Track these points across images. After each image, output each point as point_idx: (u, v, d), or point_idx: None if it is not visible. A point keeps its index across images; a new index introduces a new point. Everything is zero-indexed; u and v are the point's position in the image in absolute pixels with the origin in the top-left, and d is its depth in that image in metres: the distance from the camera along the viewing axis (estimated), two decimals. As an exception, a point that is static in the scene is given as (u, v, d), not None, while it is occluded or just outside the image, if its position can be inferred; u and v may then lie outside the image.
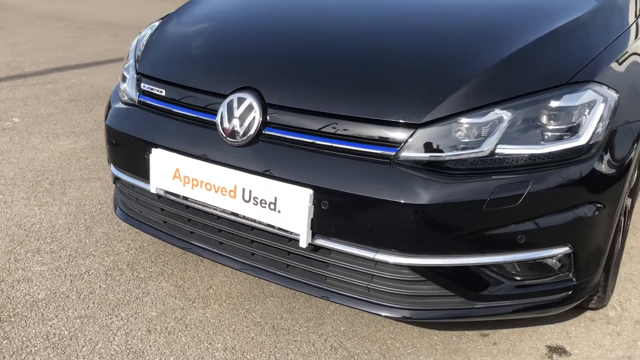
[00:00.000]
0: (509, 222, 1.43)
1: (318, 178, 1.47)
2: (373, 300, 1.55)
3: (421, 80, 1.51)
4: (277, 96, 1.57)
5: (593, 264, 1.60)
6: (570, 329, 1.88)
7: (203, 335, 1.78)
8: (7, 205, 2.59)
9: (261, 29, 1.88)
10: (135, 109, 1.87)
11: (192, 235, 1.79)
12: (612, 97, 1.55)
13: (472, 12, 1.86)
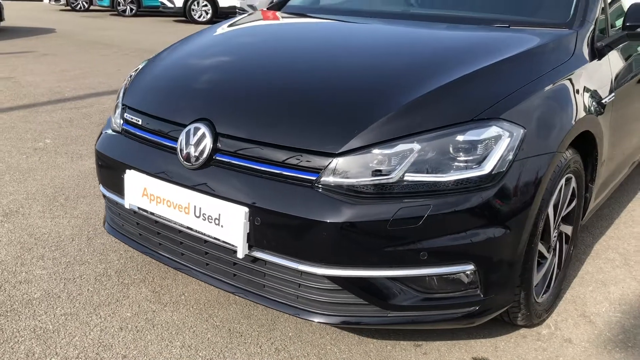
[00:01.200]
0: (412, 240, 1.63)
1: (252, 198, 1.71)
2: (301, 306, 1.76)
3: (341, 116, 1.74)
4: (225, 127, 1.83)
5: (500, 282, 1.77)
6: (500, 344, 2.04)
7: (166, 334, 2.03)
8: (25, 217, 2.93)
9: (219, 69, 2.15)
10: (119, 135, 2.17)
11: (160, 246, 2.05)
12: (518, 133, 1.73)
13: (397, 57, 2.09)
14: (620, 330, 2.14)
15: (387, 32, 2.43)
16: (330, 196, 1.65)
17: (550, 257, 2.10)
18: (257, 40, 2.47)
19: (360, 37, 2.43)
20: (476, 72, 1.87)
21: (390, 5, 2.87)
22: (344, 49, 2.25)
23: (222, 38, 2.51)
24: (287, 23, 2.75)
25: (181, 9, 15.26)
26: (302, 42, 2.38)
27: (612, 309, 2.28)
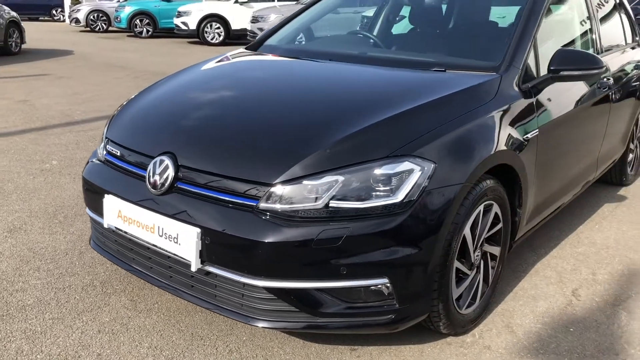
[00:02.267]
0: (334, 257, 1.94)
1: (203, 221, 2.04)
2: (245, 313, 2.08)
3: (278, 151, 2.07)
4: (185, 159, 2.17)
5: (414, 294, 2.07)
6: (426, 349, 2.33)
7: (137, 336, 2.36)
8: (26, 233, 3.29)
9: (184, 107, 2.51)
10: (102, 164, 2.52)
11: (133, 261, 2.39)
12: (429, 167, 2.04)
13: (336, 98, 2.42)
14: (536, 339, 2.42)
15: (337, 73, 2.77)
16: (267, 219, 1.97)
17: (473, 274, 2.39)
18: (220, 81, 2.82)
19: (310, 78, 2.77)
20: (399, 114, 2.19)
21: (348, 48, 3.20)
22: (294, 89, 2.60)
23: (192, 78, 2.86)
24: (254, 63, 3.10)
25: (195, 31, 15.78)
26: (259, 82, 2.73)
27: (535, 321, 2.56)
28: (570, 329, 2.51)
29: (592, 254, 3.26)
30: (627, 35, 4.16)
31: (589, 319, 2.59)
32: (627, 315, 2.63)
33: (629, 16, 4.27)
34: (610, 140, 3.69)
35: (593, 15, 3.49)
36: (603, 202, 4.12)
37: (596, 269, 3.07)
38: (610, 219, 3.80)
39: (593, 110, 3.27)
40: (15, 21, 11.97)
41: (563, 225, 3.64)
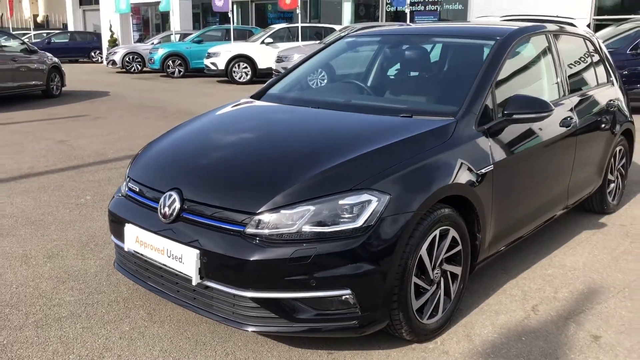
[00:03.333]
0: (305, 272, 2.40)
1: (202, 244, 2.52)
2: (237, 319, 2.54)
3: (262, 186, 2.55)
4: (189, 194, 2.67)
5: (374, 303, 2.49)
6: (392, 353, 2.74)
7: (151, 342, 2.83)
8: (62, 258, 3.82)
9: (189, 149, 3.03)
10: (124, 199, 3.03)
11: (149, 278, 2.87)
12: (385, 198, 2.49)
13: (314, 140, 2.91)
14: (490, 346, 2.81)
15: (319, 119, 3.25)
16: (252, 242, 2.45)
17: (433, 289, 2.80)
18: (221, 127, 3.34)
19: (296, 123, 3.26)
20: (363, 154, 2.66)
21: (335, 97, 3.70)
22: (281, 133, 3.10)
23: (199, 125, 3.39)
24: (252, 111, 3.62)
25: (224, 71, 16.58)
26: (253, 128, 3.24)
27: (493, 332, 2.95)
28: (522, 338, 2.89)
29: (560, 275, 3.63)
30: (599, 76, 4.55)
31: (541, 330, 2.97)
32: (576, 327, 2.99)
33: (602, 57, 4.68)
34: (581, 172, 4.07)
35: (558, 60, 3.91)
36: (582, 229, 4.47)
37: (559, 288, 3.44)
38: (585, 244, 4.15)
39: (556, 147, 3.67)
40: (57, 66, 12.87)
41: (539, 249, 4.01)
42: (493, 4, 16.72)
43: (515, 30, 3.63)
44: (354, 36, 4.30)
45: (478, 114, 3.08)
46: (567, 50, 4.20)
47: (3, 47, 11.56)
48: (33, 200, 5.12)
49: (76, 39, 27.67)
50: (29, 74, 11.85)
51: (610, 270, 3.70)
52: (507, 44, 3.48)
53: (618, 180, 4.88)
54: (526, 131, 3.39)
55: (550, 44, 3.91)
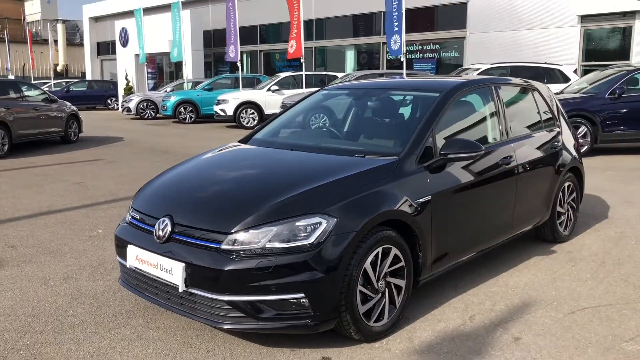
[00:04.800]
0: (266, 279, 3.03)
1: (186, 258, 3.17)
2: (214, 319, 3.16)
3: (235, 211, 3.20)
4: (178, 219, 3.33)
5: (324, 306, 3.09)
6: (343, 350, 3.32)
7: (147, 343, 3.44)
8: (76, 280, 4.48)
9: (179, 183, 3.72)
10: (127, 225, 3.70)
11: (146, 290, 3.51)
12: (333, 220, 3.14)
13: (281, 175, 3.59)
14: (426, 345, 3.39)
15: (290, 159, 3.92)
16: (225, 256, 3.09)
17: (378, 297, 3.40)
18: (208, 165, 4.04)
19: (269, 162, 3.94)
20: (317, 186, 3.32)
21: (308, 140, 4.40)
22: (255, 170, 3.79)
23: (191, 164, 4.08)
24: (236, 153, 4.32)
25: (232, 117, 17.45)
26: (232, 166, 3.94)
27: (431, 335, 3.53)
28: (455, 339, 3.47)
29: (501, 292, 4.21)
30: (544, 122, 5.20)
31: (472, 334, 3.54)
32: (502, 331, 3.56)
33: (548, 105, 5.34)
34: (525, 205, 4.68)
35: (500, 108, 4.57)
36: (533, 254, 5.05)
37: (497, 302, 4.02)
38: (532, 267, 4.73)
39: (496, 182, 4.30)
40: (75, 114, 13.79)
41: (489, 271, 4.60)
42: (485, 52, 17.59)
43: (459, 84, 4.32)
44: (328, 89, 5.02)
45: (418, 153, 3.73)
46: (512, 99, 4.88)
47: (26, 97, 12.48)
48: (51, 233, 5.81)
49: (94, 87, 28.97)
50: (49, 122, 12.75)
51: (547, 288, 4.27)
52: (449, 95, 4.16)
53: (569, 213, 5.46)
54: (466, 168, 4.02)
55: (494, 94, 4.58)
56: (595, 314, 3.81)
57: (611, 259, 4.91)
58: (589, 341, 3.44)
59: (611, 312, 3.84)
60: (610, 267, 4.71)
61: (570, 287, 4.29)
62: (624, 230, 5.79)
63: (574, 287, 4.30)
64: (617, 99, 10.69)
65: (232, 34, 19.59)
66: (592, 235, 5.62)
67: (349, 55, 22.64)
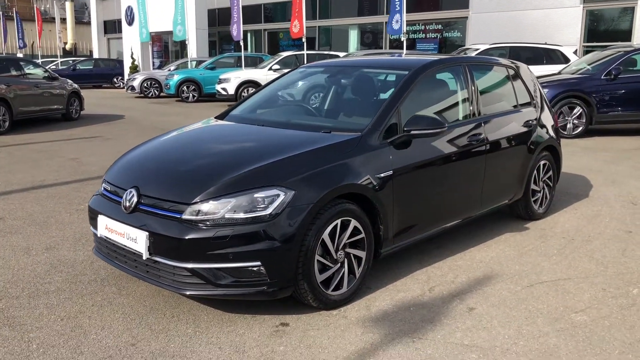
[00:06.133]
0: (224, 248, 3.16)
1: (150, 227, 3.31)
2: (177, 286, 3.30)
3: (196, 182, 3.33)
4: (144, 190, 3.46)
5: (280, 273, 3.22)
6: (302, 316, 3.46)
7: (116, 308, 3.59)
8: (58, 250, 4.64)
9: (148, 157, 3.83)
10: (99, 196, 3.85)
11: (116, 258, 3.66)
12: (290, 193, 3.26)
13: (243, 151, 3.70)
14: (382, 313, 3.53)
15: (258, 134, 4.03)
16: (186, 225, 3.22)
17: (337, 267, 3.53)
18: (179, 139, 4.16)
19: (238, 137, 4.06)
20: (279, 159, 3.44)
21: (279, 117, 4.52)
22: (222, 144, 3.91)
23: (164, 138, 4.21)
24: (209, 128, 4.44)
25: (233, 95, 17.54)
26: (203, 140, 4.07)
27: (389, 304, 3.66)
28: (411, 308, 3.61)
29: (466, 265, 4.33)
30: (520, 99, 5.27)
31: (428, 303, 3.67)
32: (459, 302, 3.69)
33: (524, 84, 5.39)
34: (495, 182, 4.77)
35: (472, 86, 4.64)
36: (506, 230, 5.16)
37: (459, 275, 4.14)
38: (502, 243, 4.84)
39: (462, 158, 4.39)
40: (76, 91, 13.94)
41: (456, 245, 4.71)
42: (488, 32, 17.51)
43: (428, 62, 4.40)
44: (305, 67, 5.11)
45: (382, 130, 3.83)
46: (485, 78, 4.95)
47: (27, 74, 12.64)
48: (40, 206, 5.98)
49: (100, 65, 29.10)
50: (50, 99, 12.91)
51: (511, 263, 4.38)
52: (417, 73, 4.25)
53: (545, 191, 5.55)
54: (431, 145, 4.12)
55: (466, 73, 4.65)
56: (553, 287, 3.93)
57: (581, 236, 5.01)
58: (541, 312, 3.56)
59: (569, 286, 3.95)
60: (579, 244, 4.81)
61: (535, 262, 4.40)
62: (601, 208, 5.87)
63: (538, 261, 4.41)
64: (613, 80, 10.67)
65: (235, 13, 19.60)
66: (569, 213, 5.71)
67: (353, 34, 22.59)
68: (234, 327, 3.36)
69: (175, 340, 3.22)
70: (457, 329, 3.34)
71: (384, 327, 3.35)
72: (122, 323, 3.41)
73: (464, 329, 3.33)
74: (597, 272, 4.21)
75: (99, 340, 3.21)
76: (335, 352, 3.09)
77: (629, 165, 8.11)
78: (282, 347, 3.14)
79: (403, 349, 3.11)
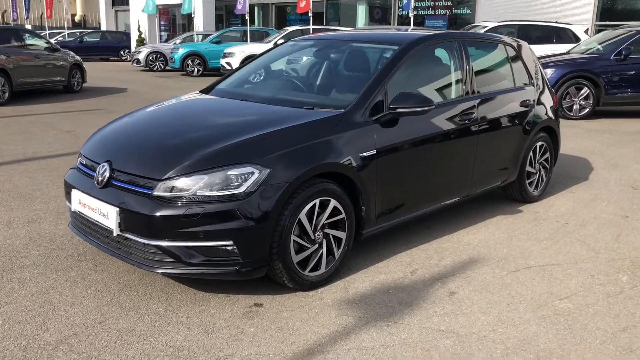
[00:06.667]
0: (194, 226, 3.06)
1: (120, 203, 3.21)
2: (148, 264, 3.22)
3: (168, 159, 3.22)
4: (117, 165, 3.36)
5: (252, 253, 3.12)
6: (277, 297, 3.38)
7: (89, 284, 3.52)
8: (39, 224, 4.56)
9: (124, 131, 3.72)
10: (75, 170, 3.75)
11: (89, 233, 3.58)
12: (265, 171, 3.14)
13: (220, 126, 3.58)
14: (360, 296, 3.43)
15: (239, 109, 3.90)
16: (157, 202, 3.12)
17: (315, 248, 3.43)
18: (157, 113, 4.04)
19: (219, 111, 3.94)
20: (256, 136, 3.31)
21: (264, 92, 4.38)
22: (200, 119, 3.79)
23: (143, 112, 4.10)
24: (191, 102, 4.31)
25: (238, 70, 17.33)
26: (180, 114, 3.95)
27: (368, 286, 3.56)
28: (390, 291, 3.51)
29: (452, 248, 4.21)
30: (518, 79, 5.10)
31: (409, 286, 3.57)
32: (440, 285, 3.58)
33: (523, 62, 5.21)
34: (487, 164, 4.63)
35: (465, 63, 4.47)
36: (499, 213, 5.03)
37: (444, 258, 4.03)
38: (492, 225, 4.72)
39: (452, 138, 4.25)
40: (78, 63, 13.82)
41: (445, 227, 4.60)
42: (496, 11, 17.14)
43: (419, 38, 4.24)
44: (296, 40, 4.96)
45: (367, 107, 3.69)
46: (481, 55, 4.77)
47: (28, 46, 12.52)
48: (29, 179, 5.91)
49: (107, 38, 28.90)
50: (51, 71, 12.80)
51: (500, 247, 4.26)
52: (407, 48, 4.09)
53: (541, 173, 5.40)
54: (419, 124, 3.97)
55: (460, 49, 4.48)
56: (540, 272, 3.81)
57: (575, 220, 4.88)
58: (524, 298, 3.45)
59: (556, 271, 3.84)
60: (572, 228, 4.68)
61: (524, 246, 4.28)
62: (599, 192, 5.73)
63: (527, 246, 4.29)
64: (623, 60, 10.41)
65: (241, -14, 19.31)
66: (565, 197, 5.57)
67: (361, 10, 22.23)
68: (206, 306, 3.27)
69: (144, 318, 3.14)
70: (435, 313, 3.24)
71: (359, 310, 3.25)
72: (93, 300, 3.33)
73: (442, 314, 3.23)
74: (588, 257, 4.08)
75: (66, 317, 3.14)
76: (306, 335, 3.00)
77: (634, 149, 7.92)
78: (252, 328, 3.06)
79: (376, 333, 3.02)
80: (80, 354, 2.80)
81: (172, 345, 2.88)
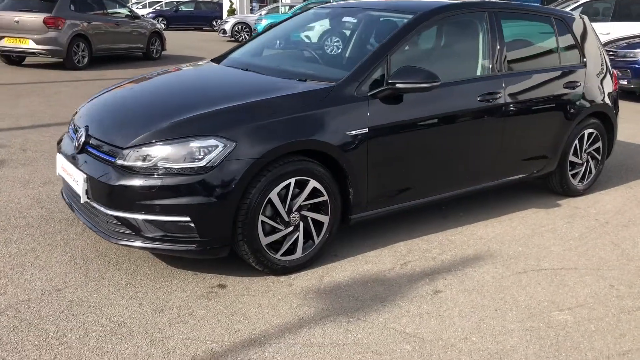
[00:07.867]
0: (151, 198, 2.91)
1: (88, 170, 3.12)
2: (111, 235, 3.12)
3: (133, 128, 3.08)
4: (92, 131, 3.27)
5: (212, 232, 2.94)
6: (244, 279, 3.18)
7: (68, 250, 3.49)
8: (53, 185, 4.62)
9: (110, 99, 3.62)
10: (66, 135, 3.72)
11: (72, 199, 3.53)
12: (231, 144, 2.93)
13: (197, 95, 3.39)
14: (333, 286, 3.16)
15: (230, 79, 3.71)
16: (118, 170, 3.00)
17: (289, 230, 3.19)
18: (150, 81, 3.89)
19: (206, 81, 3.77)
20: (227, 107, 3.11)
21: (266, 62, 4.14)
22: (184, 88, 3.64)
23: (142, 79, 3.98)
24: (192, 70, 4.16)
25: (317, 43, 17.14)
26: (169, 82, 3.80)
27: (348, 276, 3.28)
28: (368, 284, 3.21)
29: (460, 241, 3.83)
30: (565, 57, 4.53)
31: (391, 280, 3.26)
32: (427, 283, 3.25)
33: (575, 39, 4.62)
34: (515, 151, 4.16)
35: (496, 37, 3.99)
36: (531, 206, 4.55)
37: (446, 252, 3.66)
38: (517, 219, 4.26)
39: (471, 121, 3.83)
40: (157, 31, 14.14)
41: (464, 218, 4.20)
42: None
43: (437, 7, 3.82)
44: (317, 8, 4.66)
45: (362, 81, 3.37)
46: (517, 28, 4.27)
47: (109, 13, 12.93)
48: (67, 141, 6.04)
49: (201, 8, 29.54)
50: (129, 37, 13.18)
51: (515, 244, 3.83)
52: (421, 19, 3.70)
53: (589, 164, 4.83)
54: (428, 102, 3.59)
55: (490, 21, 4.02)
56: (549, 277, 3.37)
57: (619, 220, 4.32)
58: (517, 304, 3.05)
59: (569, 277, 3.38)
60: (611, 229, 4.14)
61: (544, 245, 3.82)
62: (661, 190, 5.06)
63: (548, 245, 3.82)
64: None
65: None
66: (619, 192, 4.97)
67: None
68: (168, 283, 3.14)
69: (102, 290, 3.06)
70: (406, 313, 2.93)
71: (325, 302, 3.00)
72: (64, 266, 3.30)
73: (415, 315, 2.91)
74: (615, 264, 3.57)
75: (30, 282, 3.11)
76: (255, 323, 2.79)
77: None
78: (203, 310, 2.89)
79: (331, 329, 2.76)
80: (22, 321, 2.74)
81: (114, 321, 2.77)
